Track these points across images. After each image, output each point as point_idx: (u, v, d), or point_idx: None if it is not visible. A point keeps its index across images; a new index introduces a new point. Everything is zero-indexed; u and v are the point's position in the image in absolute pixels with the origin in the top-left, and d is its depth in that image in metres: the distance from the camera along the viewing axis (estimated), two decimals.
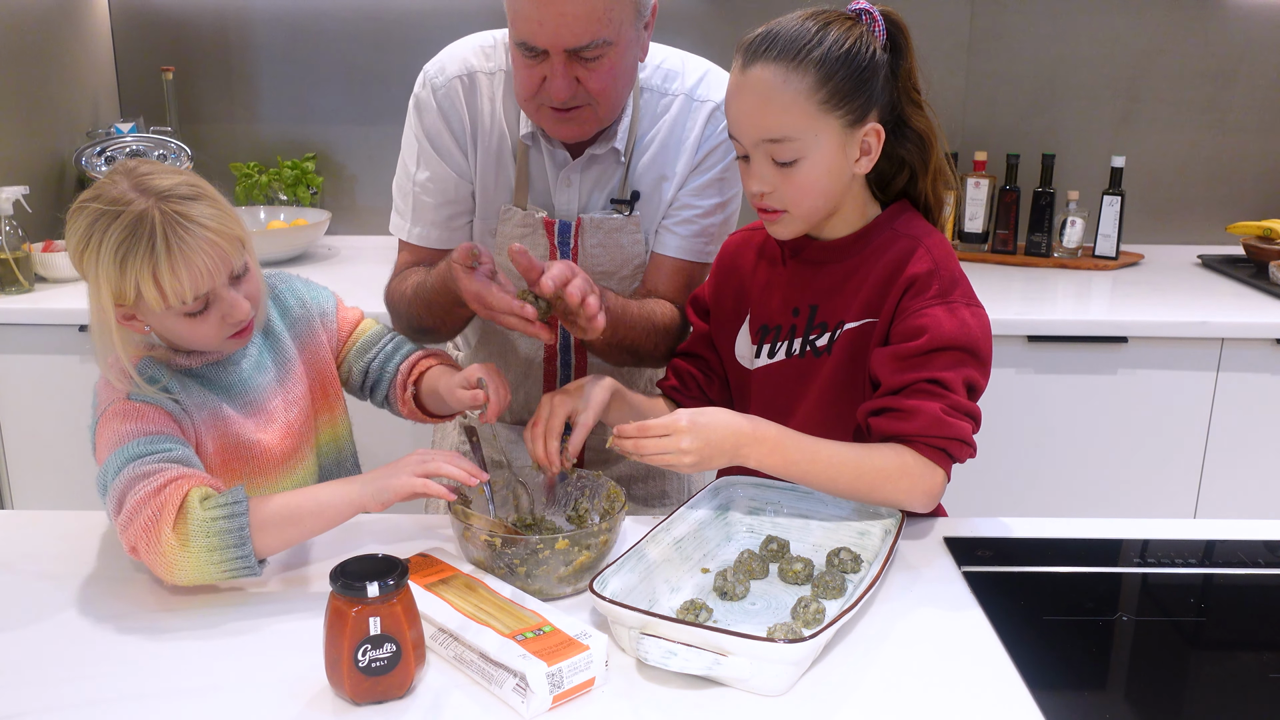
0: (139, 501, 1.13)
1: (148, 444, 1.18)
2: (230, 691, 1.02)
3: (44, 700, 1.01)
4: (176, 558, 1.13)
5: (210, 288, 1.19)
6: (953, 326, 1.24)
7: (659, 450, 1.17)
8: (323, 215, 2.78)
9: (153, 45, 2.81)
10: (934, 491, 1.25)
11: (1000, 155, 2.74)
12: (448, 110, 1.51)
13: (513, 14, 1.35)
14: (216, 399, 1.29)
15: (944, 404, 1.22)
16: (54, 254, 2.40)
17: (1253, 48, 2.80)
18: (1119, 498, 2.37)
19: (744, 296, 1.41)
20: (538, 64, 1.35)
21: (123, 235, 1.14)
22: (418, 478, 1.17)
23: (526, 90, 1.39)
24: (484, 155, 1.53)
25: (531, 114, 1.44)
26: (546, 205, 1.55)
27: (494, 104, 1.52)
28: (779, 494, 1.32)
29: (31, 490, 2.35)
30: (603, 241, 1.53)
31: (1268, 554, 1.33)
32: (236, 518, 1.13)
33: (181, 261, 1.15)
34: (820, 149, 1.23)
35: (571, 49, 1.32)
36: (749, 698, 1.01)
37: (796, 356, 1.35)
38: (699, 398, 1.46)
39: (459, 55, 1.53)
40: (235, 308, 1.22)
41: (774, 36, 1.22)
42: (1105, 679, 1.11)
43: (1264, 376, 2.31)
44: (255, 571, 1.16)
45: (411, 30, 2.79)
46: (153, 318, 1.22)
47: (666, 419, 1.18)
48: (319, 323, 1.44)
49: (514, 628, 1.04)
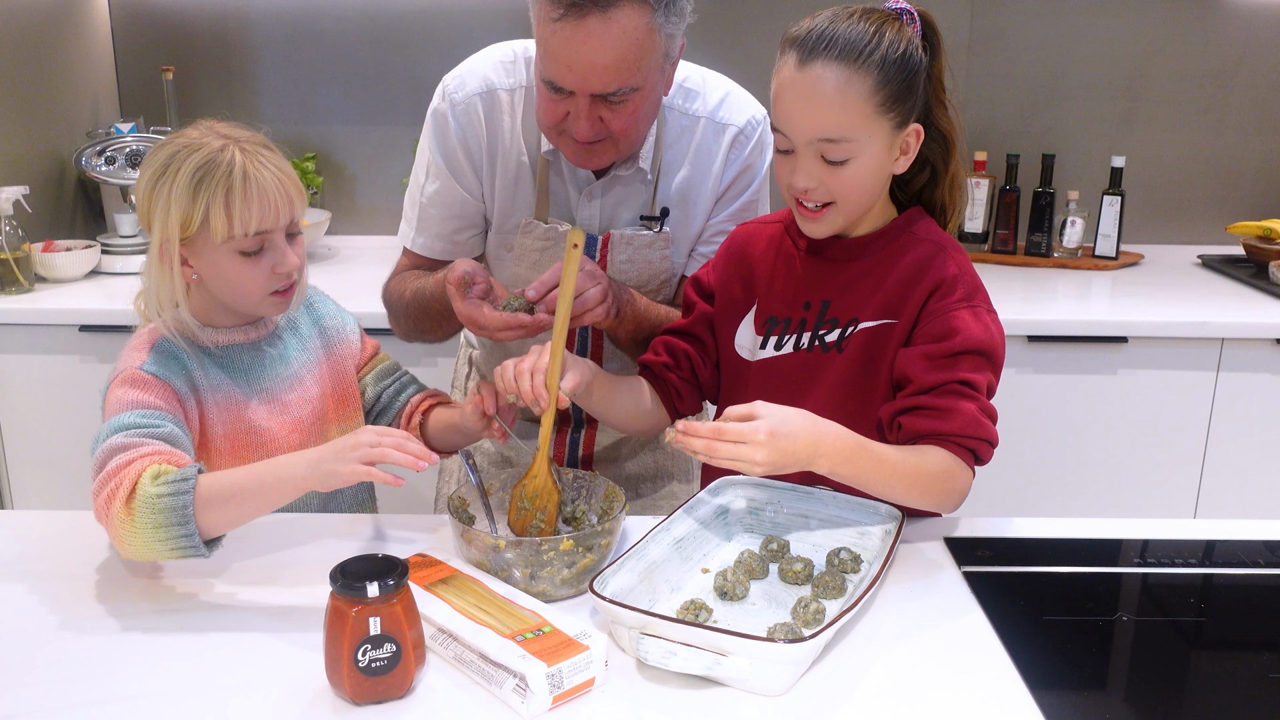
0: (109, 473, 1.16)
1: (140, 417, 1.21)
2: (230, 691, 1.02)
3: (44, 700, 1.01)
4: (125, 532, 1.14)
5: (273, 226, 1.27)
6: (979, 330, 1.26)
7: (732, 456, 1.14)
8: (323, 215, 2.78)
9: (153, 45, 2.81)
10: (965, 492, 1.27)
11: (1000, 155, 2.74)
12: (465, 127, 1.51)
13: (542, 50, 1.34)
14: (232, 383, 1.32)
15: (977, 405, 1.25)
16: (54, 254, 2.40)
17: (1253, 48, 2.80)
18: (1119, 498, 2.37)
19: (752, 286, 1.41)
20: (562, 100, 1.35)
21: (201, 162, 1.24)
22: (363, 466, 1.14)
23: (549, 121, 1.39)
24: (502, 171, 1.52)
25: (553, 141, 1.44)
26: (568, 219, 1.54)
27: (514, 120, 1.50)
28: (779, 494, 1.32)
29: (31, 490, 2.35)
30: (631, 257, 1.54)
31: (1268, 554, 1.33)
32: (180, 495, 1.13)
33: (255, 190, 1.24)
34: (871, 150, 1.24)
35: (598, 94, 1.32)
36: (749, 698, 1.01)
37: (804, 350, 1.35)
38: (689, 379, 1.45)
39: (479, 70, 1.52)
40: (286, 258, 1.29)
41: (833, 35, 1.21)
42: (1105, 679, 1.11)
43: (1264, 376, 2.31)
44: (201, 552, 1.15)
45: (411, 30, 2.79)
46: (208, 256, 1.27)
47: (746, 428, 1.13)
48: (349, 338, 1.49)
49: (514, 628, 1.04)
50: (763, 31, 2.70)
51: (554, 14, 1.28)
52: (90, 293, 2.38)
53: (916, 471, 1.23)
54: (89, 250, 2.47)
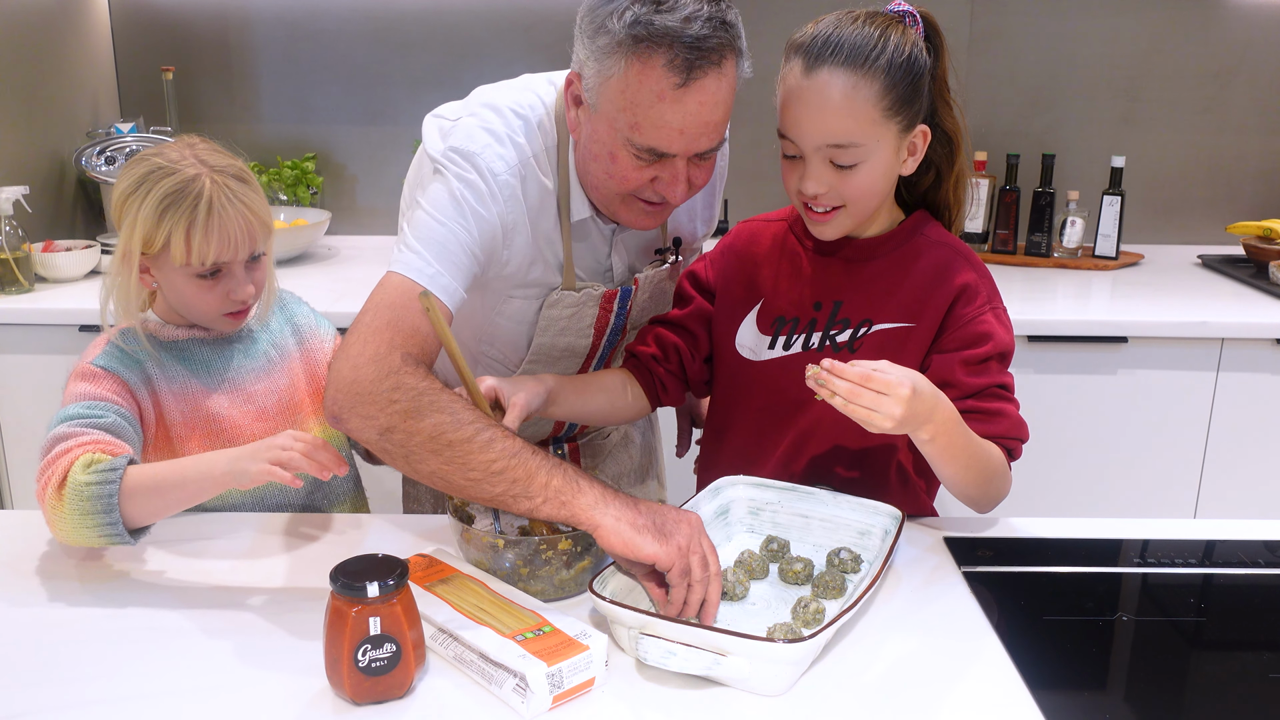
0: (48, 460, 1.22)
1: (85, 408, 1.27)
2: (230, 691, 1.02)
3: (44, 700, 1.01)
4: (55, 517, 1.20)
5: (230, 259, 1.31)
6: (1004, 334, 1.30)
7: (871, 406, 1.11)
8: (323, 215, 2.78)
9: (153, 45, 2.81)
10: (1008, 492, 1.31)
11: (1000, 155, 2.74)
12: (507, 200, 1.31)
13: (644, 119, 1.22)
14: (190, 374, 1.38)
15: (1015, 406, 1.30)
16: (54, 254, 2.40)
17: (1253, 48, 2.80)
18: (1119, 498, 2.37)
19: (756, 285, 1.41)
20: (651, 165, 1.26)
21: (171, 189, 1.28)
22: (271, 466, 1.15)
23: (628, 188, 1.28)
24: (523, 240, 1.35)
25: (614, 206, 1.33)
26: (596, 279, 1.46)
27: (543, 188, 1.35)
28: (779, 494, 1.32)
29: (31, 490, 2.34)
30: (651, 294, 1.50)
31: (1268, 554, 1.33)
32: (106, 484, 1.18)
33: (215, 226, 1.28)
34: (880, 153, 1.25)
35: (699, 152, 1.26)
36: (749, 697, 1.01)
37: (814, 350, 1.35)
38: (676, 372, 1.45)
39: (509, 138, 1.32)
40: (241, 287, 1.34)
41: (837, 40, 1.22)
42: (1105, 679, 1.11)
43: (1264, 376, 2.31)
44: (126, 539, 1.20)
45: (411, 30, 2.79)
46: (166, 272, 1.33)
47: (892, 379, 1.11)
48: (324, 339, 1.51)
49: (514, 628, 1.04)
50: (764, 33, 2.70)
51: (675, 81, 1.18)
52: (90, 293, 2.37)
53: (986, 462, 1.26)
54: (89, 250, 2.47)
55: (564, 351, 1.48)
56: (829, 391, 1.12)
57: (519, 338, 1.46)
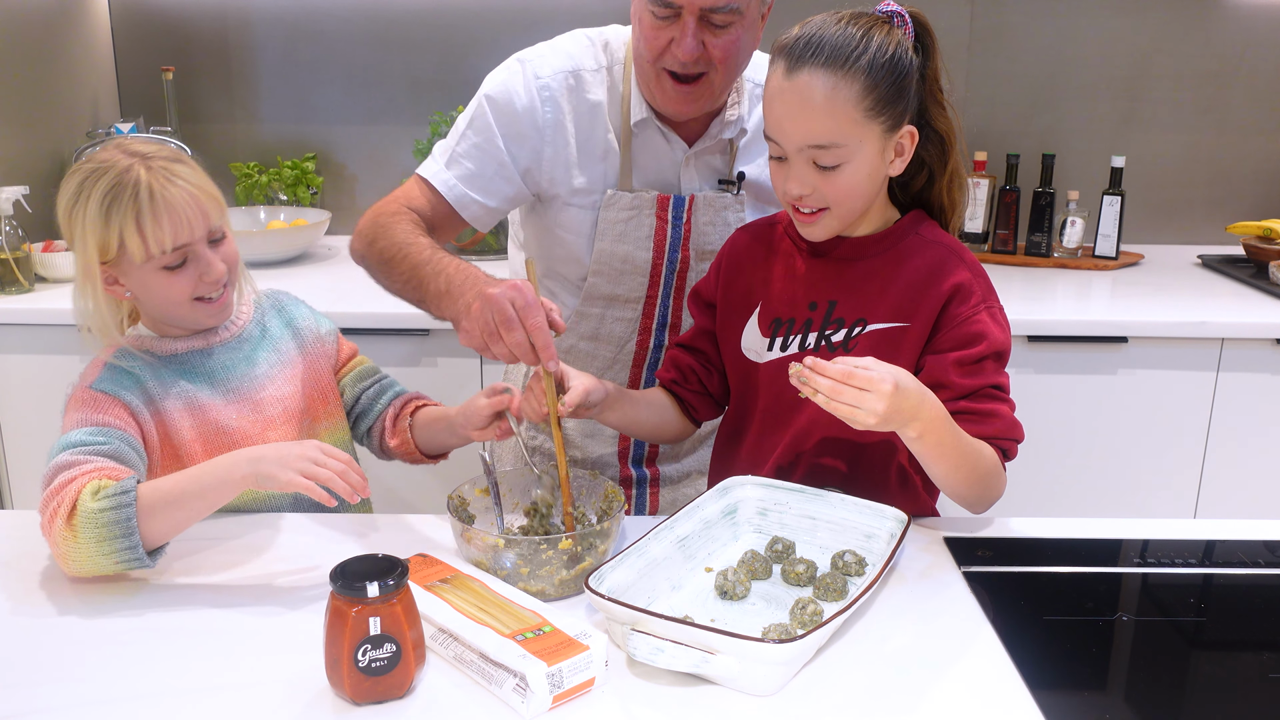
0: (52, 491, 1.18)
1: (88, 434, 1.24)
2: (230, 691, 1.02)
3: (44, 700, 1.01)
4: (69, 549, 1.16)
5: (190, 240, 1.27)
6: (999, 333, 1.29)
7: (853, 402, 1.12)
8: (323, 215, 2.78)
9: (153, 45, 2.81)
10: (1002, 492, 1.31)
11: (1000, 155, 2.74)
12: (545, 101, 1.53)
13: None
14: (194, 386, 1.35)
15: (1009, 406, 1.29)
16: (54, 254, 2.40)
17: (1253, 48, 2.80)
18: (1119, 498, 2.37)
19: (754, 290, 1.41)
20: (667, 25, 1.40)
21: (108, 187, 1.24)
22: (302, 478, 1.15)
23: (652, 52, 1.43)
24: (580, 149, 1.55)
25: (650, 81, 1.47)
26: (658, 187, 1.58)
27: (599, 99, 1.55)
28: (787, 495, 1.31)
29: (31, 490, 2.35)
30: (712, 219, 1.59)
31: (1268, 554, 1.33)
32: (123, 509, 1.15)
33: (164, 207, 1.25)
34: (863, 154, 1.24)
35: (706, 9, 1.38)
36: (745, 698, 1.01)
37: (810, 350, 1.36)
38: (699, 390, 1.48)
39: (565, 50, 1.56)
40: (211, 267, 1.30)
41: (819, 42, 1.22)
42: (1105, 679, 1.11)
43: (1264, 376, 2.31)
44: (145, 562, 1.17)
45: (411, 30, 2.79)
46: (133, 276, 1.29)
47: (874, 375, 1.11)
48: (324, 340, 1.50)
49: (514, 628, 1.04)
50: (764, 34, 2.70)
51: None
52: None
53: (977, 462, 1.26)
54: None
55: (624, 263, 1.58)
56: (812, 389, 1.13)
57: (580, 251, 1.60)
